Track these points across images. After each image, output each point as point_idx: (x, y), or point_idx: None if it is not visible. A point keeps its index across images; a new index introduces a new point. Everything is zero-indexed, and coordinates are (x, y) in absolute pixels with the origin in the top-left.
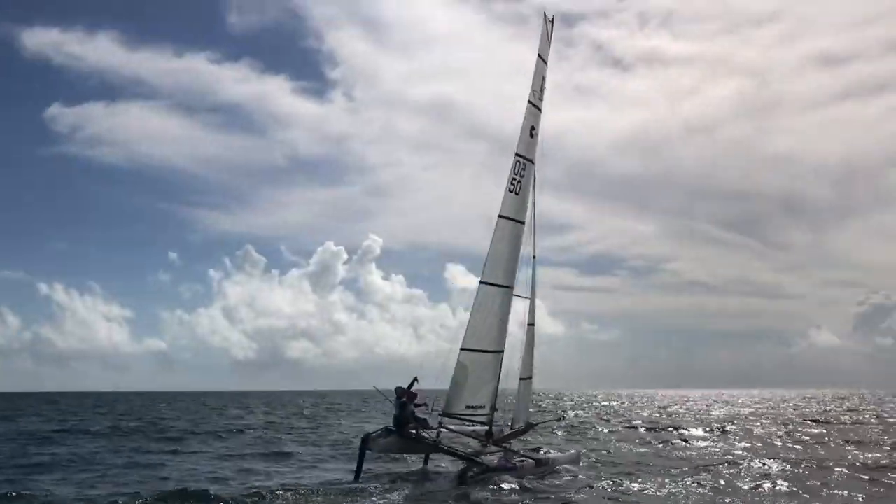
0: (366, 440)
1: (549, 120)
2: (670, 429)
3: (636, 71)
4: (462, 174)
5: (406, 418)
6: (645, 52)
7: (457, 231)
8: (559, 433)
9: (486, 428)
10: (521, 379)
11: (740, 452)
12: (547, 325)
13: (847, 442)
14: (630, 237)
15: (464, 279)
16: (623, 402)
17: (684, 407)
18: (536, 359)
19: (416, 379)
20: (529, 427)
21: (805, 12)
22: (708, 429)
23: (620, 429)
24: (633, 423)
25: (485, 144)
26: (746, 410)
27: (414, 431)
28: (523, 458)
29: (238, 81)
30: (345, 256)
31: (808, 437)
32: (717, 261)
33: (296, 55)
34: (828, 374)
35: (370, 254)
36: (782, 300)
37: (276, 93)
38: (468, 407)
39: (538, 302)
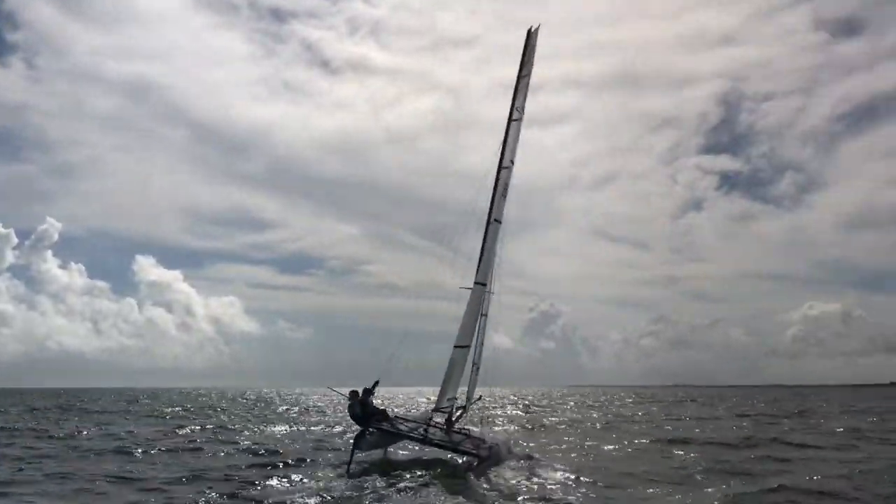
0: (358, 439)
1: (255, 113)
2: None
3: (344, 75)
4: (158, 160)
5: (372, 411)
6: (353, 57)
7: (150, 220)
8: None
9: (446, 416)
10: (474, 364)
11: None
12: (242, 323)
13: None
14: (330, 238)
15: (154, 271)
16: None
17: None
18: None
19: (377, 382)
20: (463, 409)
21: (498, 41)
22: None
23: None
24: None
25: (184, 131)
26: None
27: (388, 424)
28: (487, 445)
29: None
30: (15, 240)
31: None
32: (410, 265)
33: None
34: (503, 374)
35: (46, 239)
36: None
37: None
38: (449, 399)
39: (234, 299)
